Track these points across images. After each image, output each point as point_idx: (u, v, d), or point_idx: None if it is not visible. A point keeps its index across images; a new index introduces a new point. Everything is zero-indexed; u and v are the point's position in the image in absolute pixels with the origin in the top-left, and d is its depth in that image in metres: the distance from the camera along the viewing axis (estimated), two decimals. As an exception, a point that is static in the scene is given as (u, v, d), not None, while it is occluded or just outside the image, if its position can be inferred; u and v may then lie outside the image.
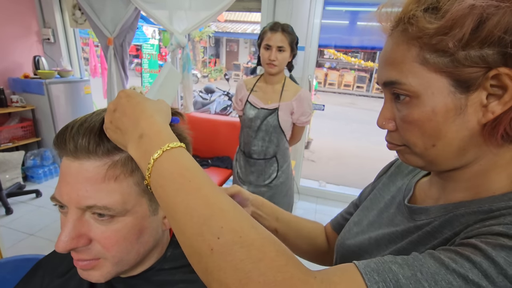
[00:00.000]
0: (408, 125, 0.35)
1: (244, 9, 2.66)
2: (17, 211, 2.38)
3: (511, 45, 0.27)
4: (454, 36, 0.29)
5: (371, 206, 0.53)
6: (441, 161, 0.35)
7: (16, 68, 3.02)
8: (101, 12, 2.80)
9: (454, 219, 0.34)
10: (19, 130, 2.89)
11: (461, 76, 0.30)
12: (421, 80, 0.32)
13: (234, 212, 0.29)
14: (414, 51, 0.32)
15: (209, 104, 5.00)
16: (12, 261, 0.86)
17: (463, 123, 0.32)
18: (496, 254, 0.25)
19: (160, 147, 0.32)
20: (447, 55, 0.30)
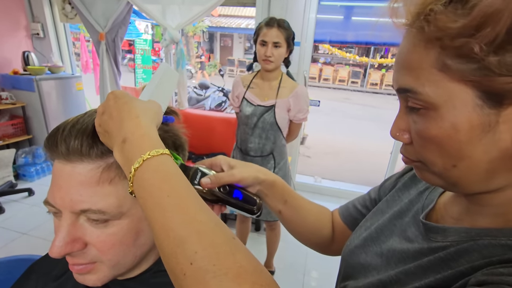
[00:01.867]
0: (424, 141, 0.30)
1: (238, 3, 2.63)
2: (9, 210, 2.34)
3: None
4: (484, 38, 0.23)
5: (385, 210, 0.47)
6: (465, 184, 0.30)
7: (4, 64, 2.94)
8: (92, 7, 2.73)
9: (475, 249, 0.29)
10: (10, 127, 2.83)
11: (492, 87, 0.25)
12: (440, 90, 0.27)
13: (213, 234, 0.27)
14: (433, 55, 0.27)
15: (204, 100, 4.96)
16: (5, 261, 0.84)
17: (493, 143, 0.26)
18: None
19: (141, 155, 0.30)
20: (474, 60, 0.24)
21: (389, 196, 0.48)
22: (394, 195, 0.47)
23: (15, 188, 2.64)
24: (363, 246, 0.45)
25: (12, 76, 2.82)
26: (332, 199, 2.78)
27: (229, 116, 2.70)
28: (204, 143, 2.69)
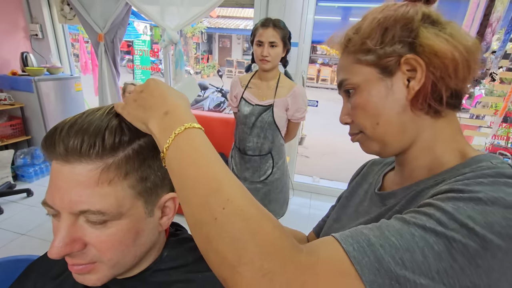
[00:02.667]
0: (355, 110, 0.44)
1: (237, 4, 2.64)
2: (8, 211, 2.34)
3: (410, 38, 0.39)
4: (372, 41, 0.41)
5: (347, 203, 0.58)
6: (390, 139, 0.43)
7: (3, 65, 2.94)
8: (91, 8, 2.74)
9: (417, 195, 0.41)
10: (8, 128, 2.83)
11: (383, 65, 0.41)
12: (359, 74, 0.43)
13: (240, 189, 0.31)
14: (352, 57, 0.44)
15: (203, 101, 4.97)
16: (4, 262, 0.84)
17: (395, 101, 0.41)
18: (445, 205, 0.30)
19: (183, 124, 0.34)
20: (371, 53, 0.42)
21: (347, 192, 0.61)
22: (351, 191, 0.60)
23: (13, 189, 2.64)
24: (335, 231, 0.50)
25: (11, 77, 2.82)
26: (330, 199, 2.78)
27: (227, 117, 2.71)
28: (203, 143, 2.69)
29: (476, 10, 1.67)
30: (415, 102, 0.40)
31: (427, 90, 0.39)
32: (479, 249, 0.26)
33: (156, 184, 0.42)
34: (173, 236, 0.52)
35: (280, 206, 1.58)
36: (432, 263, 0.26)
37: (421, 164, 0.43)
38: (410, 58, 0.39)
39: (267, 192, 1.52)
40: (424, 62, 0.38)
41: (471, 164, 0.37)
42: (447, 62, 0.38)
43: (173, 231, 0.53)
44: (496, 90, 3.15)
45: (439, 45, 0.38)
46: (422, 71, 0.38)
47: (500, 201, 0.28)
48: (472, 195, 0.30)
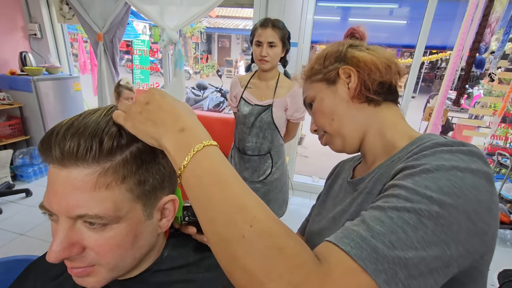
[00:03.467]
0: (315, 115, 0.58)
1: (236, 4, 2.64)
2: (6, 210, 2.34)
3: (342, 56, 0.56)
4: (317, 65, 0.58)
5: (326, 199, 0.68)
6: (345, 130, 0.55)
7: (1, 64, 2.93)
8: (90, 7, 2.73)
9: (380, 176, 0.49)
10: (7, 128, 2.82)
11: (328, 78, 0.56)
12: (313, 89, 0.58)
13: (262, 207, 0.32)
14: (308, 81, 0.60)
15: (202, 101, 4.97)
16: (3, 262, 0.84)
17: (341, 100, 0.55)
18: (405, 182, 0.36)
19: (202, 141, 0.34)
20: (318, 73, 0.57)
21: (325, 190, 0.70)
22: (328, 188, 0.69)
23: (12, 189, 2.63)
24: (317, 223, 0.63)
25: (9, 76, 2.81)
26: (330, 199, 2.79)
27: (227, 117, 2.71)
28: (202, 143, 2.68)
29: (475, 10, 1.68)
30: (356, 97, 0.53)
31: (361, 86, 0.53)
32: (439, 211, 0.32)
33: (155, 187, 0.41)
34: (173, 237, 0.52)
35: (280, 206, 1.58)
36: (412, 235, 0.31)
37: (378, 149, 0.54)
38: (345, 67, 0.54)
39: (266, 192, 1.52)
40: (354, 68, 0.53)
41: (416, 142, 0.47)
42: (368, 64, 0.52)
43: (173, 232, 0.53)
44: (494, 90, 3.16)
45: (360, 54, 0.54)
46: (354, 74, 0.53)
47: (442, 167, 0.36)
48: (422, 168, 0.37)
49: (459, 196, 0.33)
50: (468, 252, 0.33)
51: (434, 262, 0.31)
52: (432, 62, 11.05)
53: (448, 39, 5.58)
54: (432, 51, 7.37)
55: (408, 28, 5.72)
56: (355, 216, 0.45)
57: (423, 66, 11.66)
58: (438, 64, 12.10)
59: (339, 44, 0.58)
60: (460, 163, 0.36)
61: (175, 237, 0.52)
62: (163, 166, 0.42)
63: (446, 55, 6.69)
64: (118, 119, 0.39)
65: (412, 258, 0.30)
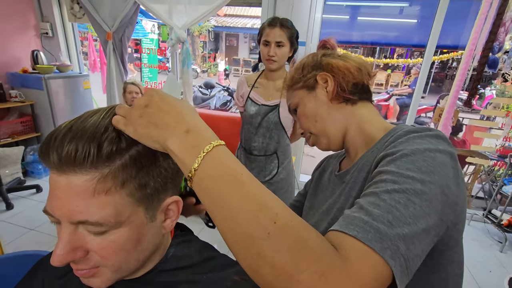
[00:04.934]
0: (300, 119, 0.64)
1: (244, 3, 2.63)
2: (17, 206, 2.39)
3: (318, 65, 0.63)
4: (297, 75, 0.65)
5: (316, 192, 0.73)
6: (329, 130, 0.61)
7: (14, 62, 2.99)
8: (100, 6, 2.77)
9: (363, 165, 0.55)
10: (19, 125, 2.88)
11: (307, 85, 0.63)
12: (296, 97, 0.65)
13: (280, 202, 0.33)
14: (290, 90, 0.67)
15: (209, 100, 4.99)
16: (13, 257, 0.86)
17: (321, 102, 0.61)
18: (390, 167, 0.42)
19: (210, 142, 0.34)
20: (298, 81, 0.64)
21: (313, 183, 0.76)
22: (317, 181, 0.75)
23: (23, 184, 2.69)
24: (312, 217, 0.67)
25: (22, 74, 2.87)
26: (336, 199, 2.76)
27: (233, 116, 2.71)
28: (209, 142, 2.69)
29: (489, 9, 1.64)
30: (334, 98, 0.60)
31: (338, 88, 0.59)
32: (422, 188, 0.38)
33: (157, 189, 0.41)
34: (178, 237, 0.52)
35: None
36: (404, 212, 0.36)
37: (359, 143, 0.60)
38: (321, 74, 0.61)
39: (273, 192, 1.51)
40: (329, 73, 0.60)
41: (391, 133, 0.53)
42: (342, 69, 0.59)
43: (178, 232, 0.53)
44: (508, 91, 3.08)
45: (334, 61, 0.61)
46: (330, 78, 0.60)
47: (417, 150, 0.42)
48: (401, 153, 0.43)
49: (434, 173, 0.39)
50: (442, 221, 0.39)
51: (423, 233, 0.36)
52: (443, 61, 10.86)
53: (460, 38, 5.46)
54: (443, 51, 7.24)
55: (418, 27, 5.62)
56: (344, 204, 0.55)
57: (434, 66, 11.45)
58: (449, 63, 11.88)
59: (313, 55, 0.66)
60: (430, 145, 0.43)
61: (180, 238, 0.52)
62: (165, 168, 0.41)
63: (458, 54, 6.55)
64: (118, 124, 0.37)
65: (408, 233, 0.34)
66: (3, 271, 0.84)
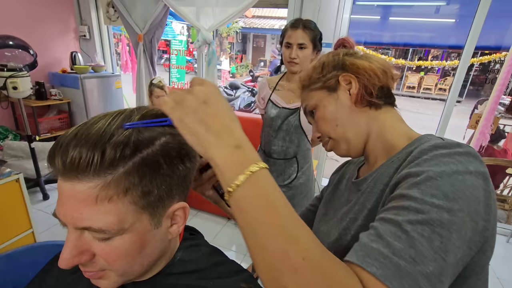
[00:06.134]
0: (318, 122, 0.59)
1: (271, 4, 2.63)
2: (53, 196, 2.56)
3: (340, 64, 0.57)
4: (316, 74, 0.59)
5: (331, 198, 0.69)
6: (349, 135, 0.56)
7: (55, 63, 3.23)
8: (132, 9, 2.90)
9: (381, 175, 0.51)
10: (57, 121, 3.10)
11: (328, 86, 0.57)
12: (314, 98, 0.59)
13: (311, 235, 0.32)
14: (307, 90, 0.61)
15: (234, 100, 5.04)
16: (43, 245, 0.92)
17: (343, 106, 0.56)
18: (413, 193, 0.37)
19: (256, 162, 0.33)
20: (318, 81, 0.59)
21: (330, 189, 0.72)
22: (334, 187, 0.71)
23: (59, 177, 2.88)
24: (325, 223, 0.64)
25: (61, 74, 3.08)
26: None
27: (257, 117, 2.70)
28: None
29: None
30: (358, 102, 0.55)
31: (362, 92, 0.55)
32: (449, 218, 0.34)
33: (161, 196, 0.40)
34: (187, 240, 0.52)
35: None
36: (429, 247, 0.33)
37: (379, 151, 0.56)
38: (345, 75, 0.56)
39: (291, 197, 1.49)
40: (354, 74, 0.55)
41: (415, 143, 0.48)
42: (368, 70, 0.55)
43: (187, 235, 0.53)
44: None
45: (359, 62, 0.56)
46: (355, 80, 0.55)
47: (443, 173, 0.37)
48: (426, 175, 0.38)
49: (463, 198, 0.35)
50: (471, 249, 0.36)
51: (450, 268, 0.33)
52: (484, 64, 10.11)
53: (503, 39, 5.05)
54: (484, 52, 6.74)
55: (456, 27, 5.28)
56: (358, 215, 0.52)
57: (472, 69, 10.69)
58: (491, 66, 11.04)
59: (334, 53, 0.61)
60: (459, 167, 0.38)
61: (189, 241, 0.52)
62: (169, 176, 0.41)
63: (501, 56, 6.07)
64: (165, 105, 0.36)
65: (433, 270, 0.32)
66: (35, 259, 0.89)
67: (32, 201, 2.44)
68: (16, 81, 2.12)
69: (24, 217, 1.63)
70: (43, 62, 3.04)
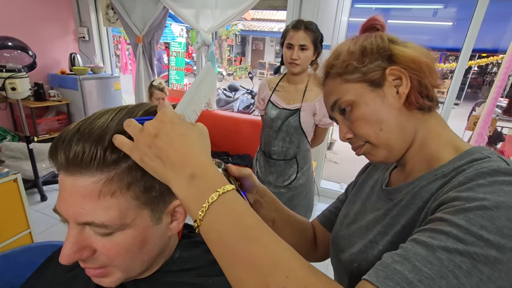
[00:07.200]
0: (357, 123, 0.48)
1: (270, 7, 2.64)
2: (51, 198, 2.55)
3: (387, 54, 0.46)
4: (356, 61, 0.47)
5: (355, 199, 0.62)
6: (394, 141, 0.47)
7: (54, 64, 3.23)
8: (132, 11, 2.91)
9: (421, 190, 0.44)
10: (55, 122, 3.10)
11: (371, 79, 0.47)
12: (350, 91, 0.48)
13: (296, 259, 0.29)
14: (338, 79, 0.49)
15: (233, 102, 5.04)
16: (41, 246, 0.91)
17: (390, 106, 0.46)
18: (457, 219, 0.32)
19: (216, 189, 0.31)
20: (356, 71, 0.47)
21: (355, 189, 0.64)
22: (358, 188, 0.63)
23: (57, 178, 2.87)
24: (346, 228, 0.58)
25: (60, 75, 3.08)
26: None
27: (256, 119, 2.71)
28: (231, 144, 2.73)
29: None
30: (408, 103, 0.46)
31: (415, 91, 0.46)
32: (497, 256, 0.29)
33: (163, 192, 0.40)
34: (186, 238, 0.52)
35: (304, 213, 1.54)
36: (465, 282, 0.28)
37: (420, 159, 0.48)
38: (394, 68, 0.46)
39: (291, 197, 1.49)
40: (405, 69, 0.45)
41: (465, 157, 0.42)
42: (422, 66, 0.45)
43: (186, 233, 0.53)
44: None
45: (413, 54, 0.45)
46: (406, 77, 0.45)
47: (503, 204, 0.31)
48: (479, 204, 0.32)
49: None
50: None
51: None
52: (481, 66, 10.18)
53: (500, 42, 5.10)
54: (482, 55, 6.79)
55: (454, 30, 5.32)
56: (388, 229, 0.46)
57: (470, 71, 10.76)
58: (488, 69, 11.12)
59: (377, 37, 0.48)
60: None
61: (188, 238, 0.51)
62: None
63: (498, 59, 6.11)
64: (123, 147, 0.35)
65: None
66: (33, 259, 0.89)
67: (30, 202, 2.42)
68: (15, 82, 2.12)
69: (21, 217, 1.63)
70: (42, 63, 3.04)
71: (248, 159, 2.64)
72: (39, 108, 3.01)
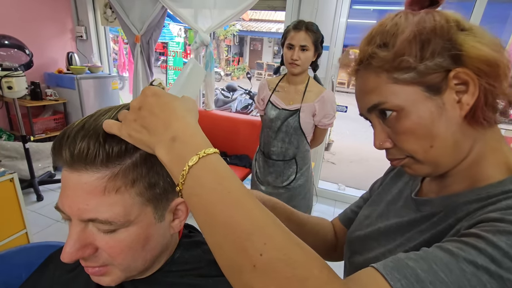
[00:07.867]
0: (402, 135, 0.39)
1: (268, 7, 2.64)
2: (47, 198, 2.52)
3: (453, 49, 0.35)
4: (410, 57, 0.36)
5: (379, 200, 0.57)
6: (443, 160, 0.39)
7: (51, 63, 3.20)
8: (130, 10, 2.89)
9: (457, 207, 0.39)
10: (52, 122, 3.07)
11: (428, 83, 0.36)
12: (399, 95, 0.38)
13: (276, 227, 0.28)
14: (384, 76, 0.38)
15: (231, 102, 5.04)
16: (37, 246, 0.90)
17: (449, 120, 0.37)
18: (497, 239, 0.28)
19: (196, 152, 0.30)
20: (410, 70, 0.37)
21: (380, 189, 0.58)
22: (384, 188, 0.57)
23: (53, 178, 2.84)
24: (364, 228, 0.54)
25: (57, 74, 3.05)
26: (356, 208, 2.67)
27: (254, 119, 2.71)
28: (229, 144, 2.72)
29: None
30: (470, 117, 0.36)
31: (481, 103, 0.35)
32: None
33: (166, 189, 0.40)
34: (186, 237, 0.51)
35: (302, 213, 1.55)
36: None
37: (464, 175, 0.41)
38: (460, 71, 0.35)
39: (290, 198, 1.49)
40: (475, 73, 0.34)
41: None
42: (499, 71, 0.34)
43: (187, 233, 0.53)
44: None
45: (490, 54, 0.34)
46: (475, 84, 0.35)
47: None
48: None
49: None
50: None
51: None
52: (477, 68, 10.24)
53: (497, 44, 5.14)
54: (478, 57, 6.82)
55: (451, 32, 5.36)
56: (412, 242, 0.42)
57: (467, 73, 10.83)
58: (484, 71, 11.14)
59: (441, 17, 0.36)
60: None
61: (188, 238, 0.51)
62: None
63: (494, 61, 6.17)
64: (112, 129, 0.35)
65: None
66: (29, 260, 0.88)
67: (26, 202, 2.39)
68: (11, 80, 2.10)
69: (18, 217, 1.61)
70: (39, 62, 3.01)
71: (246, 159, 2.64)
72: (36, 107, 2.98)
